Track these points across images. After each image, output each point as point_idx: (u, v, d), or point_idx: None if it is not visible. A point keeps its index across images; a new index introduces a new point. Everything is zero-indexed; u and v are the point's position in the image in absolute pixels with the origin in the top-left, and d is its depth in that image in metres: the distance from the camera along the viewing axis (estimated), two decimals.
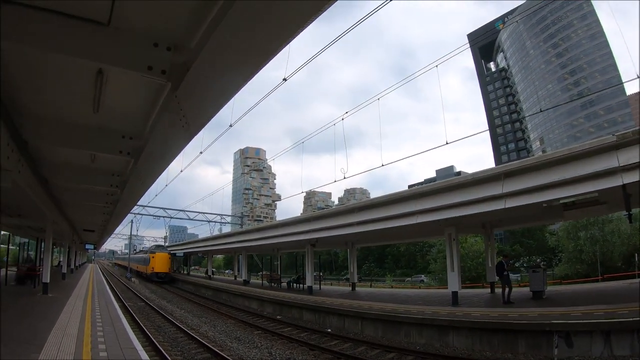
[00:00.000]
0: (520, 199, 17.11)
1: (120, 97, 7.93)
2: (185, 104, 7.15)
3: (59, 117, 9.22)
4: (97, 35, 5.62)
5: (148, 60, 5.79)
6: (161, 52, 5.82)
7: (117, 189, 14.64)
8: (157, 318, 24.57)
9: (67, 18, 5.45)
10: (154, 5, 5.42)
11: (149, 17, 5.63)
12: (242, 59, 6.02)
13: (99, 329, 13.54)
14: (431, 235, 36.34)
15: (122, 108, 8.51)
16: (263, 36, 5.50)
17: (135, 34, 5.77)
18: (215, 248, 59.15)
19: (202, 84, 6.64)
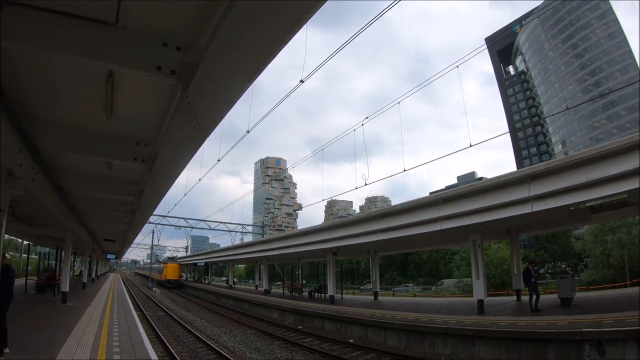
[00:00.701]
0: (547, 202, 16.52)
1: (132, 102, 7.76)
2: (195, 104, 6.94)
3: (72, 124, 9.09)
4: (104, 36, 5.46)
5: (157, 61, 5.60)
6: (170, 51, 5.62)
7: (134, 197, 14.48)
8: (176, 328, 24.41)
9: (72, 18, 5.30)
10: (161, 5, 5.26)
11: (156, 16, 5.46)
12: (250, 53, 5.80)
13: (115, 339, 13.35)
14: (455, 242, 35.68)
15: (136, 113, 8.34)
16: (269, 29, 5.30)
17: (143, 34, 5.60)
18: (236, 257, 59.22)
19: (212, 83, 6.43)
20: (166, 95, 6.95)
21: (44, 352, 10.58)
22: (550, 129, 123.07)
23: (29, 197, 11.75)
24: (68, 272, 24.23)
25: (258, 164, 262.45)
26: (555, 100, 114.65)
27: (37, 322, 15.93)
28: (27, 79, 7.14)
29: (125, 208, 17.27)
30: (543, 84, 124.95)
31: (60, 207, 15.97)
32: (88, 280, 40.52)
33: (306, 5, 4.94)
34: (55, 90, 7.71)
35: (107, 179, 13.27)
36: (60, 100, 8.13)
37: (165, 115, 7.59)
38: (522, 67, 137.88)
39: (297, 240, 36.85)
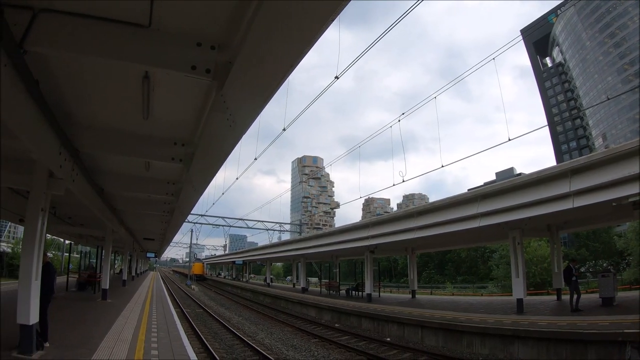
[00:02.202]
0: (589, 198, 15.98)
1: (169, 103, 7.93)
2: (231, 102, 6.97)
3: (110, 126, 9.34)
4: (138, 38, 5.59)
5: (192, 60, 5.68)
6: (205, 51, 5.70)
7: (172, 197, 14.74)
8: (214, 324, 24.65)
9: (106, 22, 5.45)
10: (193, 6, 5.34)
11: (189, 17, 5.55)
12: (283, 51, 5.77)
13: (154, 335, 13.53)
14: (494, 240, 35.15)
15: (172, 114, 8.51)
16: (300, 25, 5.25)
17: (177, 35, 5.71)
18: (274, 256, 59.60)
19: (246, 80, 6.44)
20: (202, 94, 7.08)
21: (83, 346, 10.78)
22: (590, 122, 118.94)
23: (69, 197, 12.06)
24: (108, 269, 24.80)
25: (295, 162, 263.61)
26: (595, 92, 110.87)
27: (77, 318, 16.29)
28: (65, 83, 7.35)
29: (164, 207, 17.58)
30: (582, 76, 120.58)
31: (100, 207, 16.32)
32: (128, 278, 41.29)
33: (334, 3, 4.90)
34: (93, 94, 7.92)
35: (145, 180, 13.55)
36: (97, 103, 8.35)
37: (202, 114, 7.73)
38: (559, 58, 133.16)
39: (334, 239, 36.81)
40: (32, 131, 7.16)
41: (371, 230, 30.33)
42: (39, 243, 9.40)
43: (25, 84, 6.07)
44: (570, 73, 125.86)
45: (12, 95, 5.91)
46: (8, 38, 5.01)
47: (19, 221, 19.27)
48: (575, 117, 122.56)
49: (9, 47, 5.11)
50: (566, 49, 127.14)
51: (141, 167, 11.92)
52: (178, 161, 9.79)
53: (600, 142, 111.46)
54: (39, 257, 9.41)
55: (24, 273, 9.24)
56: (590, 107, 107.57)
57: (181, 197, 15.07)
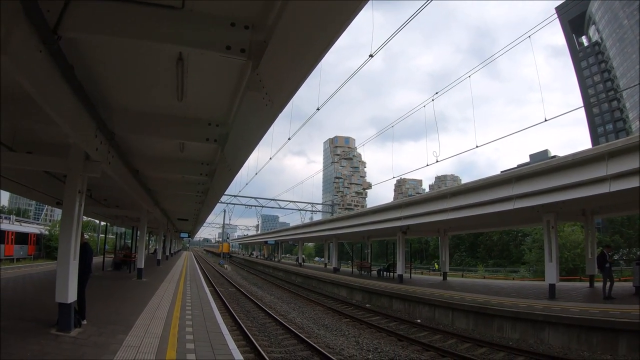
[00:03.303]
0: (626, 182, 15.52)
1: (203, 84, 7.97)
2: (267, 80, 7.01)
3: (144, 108, 9.46)
4: (172, 19, 5.60)
5: (226, 40, 5.68)
6: (239, 31, 5.68)
7: (206, 177, 14.88)
8: (247, 303, 25.08)
9: (139, 5, 5.46)
10: None
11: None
12: (318, 30, 5.78)
13: (188, 313, 13.87)
14: (527, 223, 34.71)
15: (206, 95, 8.56)
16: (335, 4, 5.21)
17: (210, 15, 5.69)
18: (306, 236, 60.06)
19: (282, 59, 6.47)
20: (236, 74, 7.08)
21: (119, 324, 11.13)
22: (628, 104, 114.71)
23: (105, 180, 12.34)
24: (143, 249, 25.40)
25: (327, 143, 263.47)
26: (633, 72, 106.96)
27: (113, 296, 16.80)
28: (100, 67, 7.48)
29: (198, 188, 17.79)
30: (619, 56, 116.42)
31: (136, 188, 16.65)
32: (162, 257, 42.17)
33: None
34: (128, 77, 8.04)
35: (179, 161, 13.73)
36: (132, 86, 8.47)
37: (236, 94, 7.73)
38: (595, 37, 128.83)
39: (366, 219, 36.88)
40: (69, 116, 7.35)
41: (404, 210, 30.26)
42: (77, 224, 9.67)
43: (60, 69, 6.22)
44: (607, 53, 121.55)
45: (48, 82, 6.09)
46: (42, 25, 5.10)
47: (55, 204, 19.80)
48: (612, 98, 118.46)
49: (43, 33, 5.22)
50: (603, 28, 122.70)
51: (175, 148, 12.07)
52: (213, 141, 9.86)
53: (637, 124, 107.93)
54: (77, 238, 9.69)
55: (62, 253, 9.52)
56: (628, 88, 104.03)
57: (215, 177, 15.23)
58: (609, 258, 19.56)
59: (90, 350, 8.44)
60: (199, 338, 10.26)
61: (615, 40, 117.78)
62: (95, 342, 9.04)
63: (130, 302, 15.26)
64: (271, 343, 15.10)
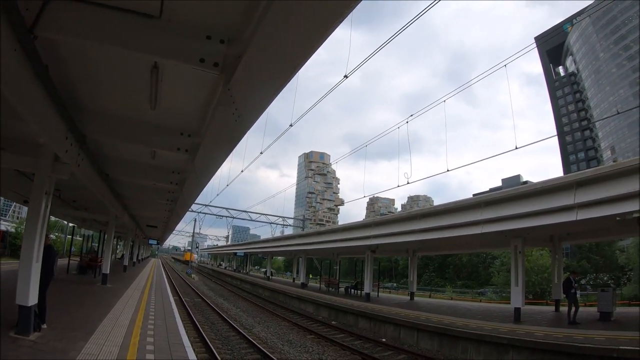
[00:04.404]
0: (593, 211, 15.82)
1: (176, 94, 7.96)
2: (237, 96, 6.99)
3: (117, 113, 9.40)
4: (149, 28, 5.63)
5: (201, 53, 5.73)
6: (214, 44, 5.74)
7: (176, 186, 14.82)
8: (212, 315, 24.78)
9: (118, 11, 5.48)
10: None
11: (200, 9, 5.58)
12: (292, 47, 5.77)
13: (151, 322, 13.62)
14: (496, 247, 35.10)
15: (179, 105, 8.55)
16: (311, 22, 5.23)
17: (187, 27, 5.73)
18: (275, 250, 59.76)
19: (254, 76, 6.45)
20: (209, 87, 7.12)
21: (80, 330, 10.85)
22: (600, 133, 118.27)
23: (74, 181, 12.17)
24: (110, 254, 24.94)
25: (302, 157, 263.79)
26: (606, 104, 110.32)
27: (75, 301, 16.37)
28: (75, 69, 7.41)
29: (168, 196, 17.67)
30: (594, 87, 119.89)
31: (105, 192, 16.43)
32: (129, 263, 41.51)
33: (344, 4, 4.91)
34: (102, 81, 7.97)
35: (150, 168, 13.62)
36: (106, 91, 8.41)
37: (208, 106, 7.77)
38: (572, 68, 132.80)
39: (336, 236, 36.85)
40: (40, 115, 7.23)
41: (373, 230, 30.32)
42: (42, 225, 9.47)
43: (34, 68, 6.11)
44: (582, 83, 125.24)
45: (21, 80, 5.98)
46: (19, 23, 5.04)
47: (23, 202, 19.45)
48: (585, 127, 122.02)
49: (19, 32, 5.15)
50: (580, 59, 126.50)
51: (147, 155, 11.97)
52: (184, 151, 9.85)
53: (608, 154, 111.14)
54: (41, 240, 9.49)
55: (25, 254, 9.31)
56: (601, 119, 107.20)
57: (185, 186, 15.15)
58: (575, 284, 19.88)
59: (49, 355, 8.24)
60: (159, 349, 10.07)
61: (591, 71, 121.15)
62: (54, 348, 8.82)
63: (93, 308, 14.91)
64: (234, 357, 14.92)
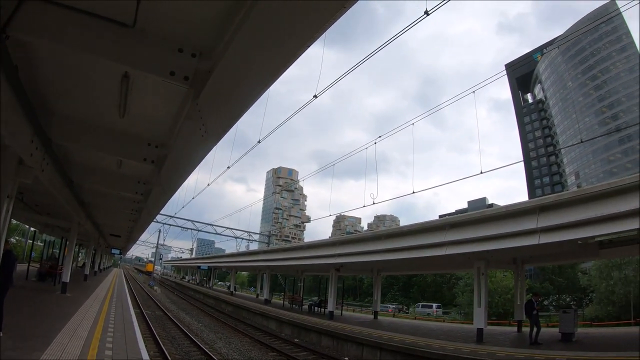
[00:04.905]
0: (555, 235, 16.15)
1: (145, 104, 7.89)
2: (205, 112, 6.98)
3: (86, 119, 9.25)
4: (122, 37, 5.59)
5: (171, 66, 5.70)
6: (185, 58, 5.73)
7: (142, 196, 14.62)
8: (173, 329, 24.31)
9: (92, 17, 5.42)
10: (180, 11, 5.35)
11: (174, 22, 5.55)
12: (262, 65, 5.83)
13: (110, 334, 13.29)
14: (460, 268, 35.53)
15: (148, 115, 8.47)
16: (283, 41, 5.28)
17: (160, 39, 5.71)
18: (240, 265, 59.18)
19: (222, 92, 6.48)
20: (178, 101, 7.05)
21: (36, 339, 10.50)
22: (565, 159, 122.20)
23: (38, 185, 11.89)
24: (71, 262, 24.28)
25: (270, 172, 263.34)
26: (572, 131, 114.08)
27: (34, 310, 15.89)
28: (45, 72, 7.29)
29: (133, 206, 17.42)
30: (560, 114, 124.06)
31: (69, 198, 16.11)
32: (90, 272, 40.64)
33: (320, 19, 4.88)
34: (72, 86, 7.83)
35: (116, 176, 13.40)
36: (76, 96, 8.26)
37: (177, 119, 7.69)
38: (540, 95, 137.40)
39: (301, 253, 36.71)
40: (6, 117, 7.02)
41: (338, 248, 30.30)
42: (2, 229, 9.24)
43: (3, 68, 5.98)
44: (549, 111, 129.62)
45: None
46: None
47: None
48: (550, 153, 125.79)
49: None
50: (548, 87, 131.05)
51: (113, 163, 11.81)
52: (150, 162, 9.73)
53: (573, 179, 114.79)
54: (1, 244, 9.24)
55: None
56: (566, 147, 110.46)
57: (150, 197, 14.97)
58: (537, 305, 20.16)
59: None
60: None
61: (559, 99, 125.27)
62: (9, 357, 8.53)
63: (51, 318, 14.49)
64: None
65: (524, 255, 22.59)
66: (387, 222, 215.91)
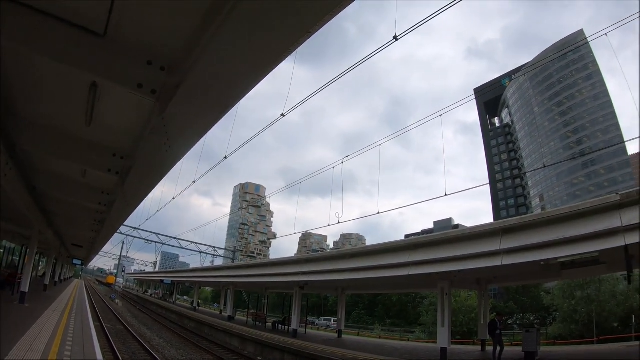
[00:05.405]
0: (518, 257, 16.57)
1: (112, 115, 7.79)
2: (170, 126, 6.94)
3: (52, 125, 9.07)
4: (91, 46, 5.50)
5: (139, 78, 5.63)
6: (154, 71, 5.66)
7: (105, 207, 14.40)
8: (133, 344, 23.82)
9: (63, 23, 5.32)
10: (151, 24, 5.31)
11: (145, 33, 5.49)
12: (230, 83, 5.82)
13: (68, 348, 12.93)
14: (424, 288, 35.81)
15: (115, 126, 8.35)
16: (254, 58, 5.27)
17: (129, 50, 5.62)
18: (203, 280, 58.61)
19: (189, 107, 6.46)
20: (144, 114, 7.00)
21: None
22: (530, 182, 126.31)
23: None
24: (30, 271, 23.62)
25: (237, 188, 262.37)
26: (537, 154, 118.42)
27: None
28: (12, 75, 7.11)
29: (95, 216, 17.15)
30: (526, 138, 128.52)
31: (30, 205, 15.80)
32: (50, 282, 39.69)
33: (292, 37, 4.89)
34: (39, 91, 7.69)
35: (80, 186, 13.14)
36: (42, 101, 8.11)
37: (142, 132, 7.61)
38: (507, 119, 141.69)
39: (266, 270, 36.69)
40: None
41: (303, 266, 30.34)
42: None
43: None
44: (516, 134, 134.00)
45: None
46: None
47: None
48: (516, 176, 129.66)
49: None
50: (515, 112, 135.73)
51: (78, 172, 11.59)
52: (114, 173, 9.62)
53: (537, 202, 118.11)
54: None
55: None
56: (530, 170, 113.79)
57: (114, 209, 14.74)
58: (500, 325, 20.47)
59: None
60: None
61: (525, 124, 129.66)
62: None
63: (8, 329, 14.00)
64: None
65: (487, 275, 22.95)
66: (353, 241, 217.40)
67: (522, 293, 59.66)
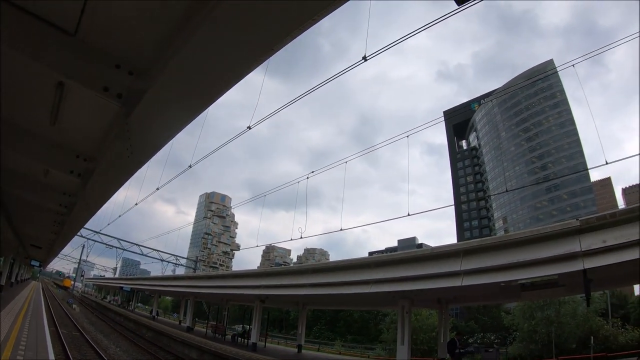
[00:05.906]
0: (478, 278, 16.95)
1: (77, 115, 7.63)
2: (134, 132, 6.90)
3: (15, 122, 8.82)
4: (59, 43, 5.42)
5: (106, 81, 5.63)
6: (121, 74, 5.64)
7: (65, 209, 14.12)
8: (89, 352, 23.28)
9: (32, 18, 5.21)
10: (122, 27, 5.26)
11: (116, 37, 5.44)
12: (198, 90, 5.81)
13: (20, 354, 12.63)
14: (385, 305, 35.98)
15: (79, 127, 8.21)
16: (225, 66, 5.29)
17: (98, 51, 5.57)
18: (164, 289, 57.83)
19: (153, 115, 6.45)
20: (110, 117, 6.96)
21: None
22: (494, 204, 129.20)
23: None
24: None
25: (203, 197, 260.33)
26: (502, 178, 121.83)
27: None
28: None
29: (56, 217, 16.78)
30: (492, 161, 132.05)
31: None
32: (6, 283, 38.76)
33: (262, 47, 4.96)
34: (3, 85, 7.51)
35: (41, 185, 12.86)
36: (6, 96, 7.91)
37: (106, 136, 7.58)
38: (475, 142, 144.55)
39: (227, 282, 36.62)
40: None
41: (264, 280, 30.35)
42: None
43: None
44: (482, 157, 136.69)
45: None
46: None
47: None
48: (480, 198, 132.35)
49: None
50: (482, 135, 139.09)
51: (40, 171, 11.37)
52: (76, 175, 9.49)
53: (500, 224, 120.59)
54: None
55: None
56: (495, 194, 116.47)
57: (74, 211, 14.47)
58: (459, 344, 20.67)
59: None
60: None
61: (492, 147, 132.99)
62: None
63: None
64: None
65: (448, 295, 23.18)
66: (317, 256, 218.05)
67: (483, 313, 60.66)
